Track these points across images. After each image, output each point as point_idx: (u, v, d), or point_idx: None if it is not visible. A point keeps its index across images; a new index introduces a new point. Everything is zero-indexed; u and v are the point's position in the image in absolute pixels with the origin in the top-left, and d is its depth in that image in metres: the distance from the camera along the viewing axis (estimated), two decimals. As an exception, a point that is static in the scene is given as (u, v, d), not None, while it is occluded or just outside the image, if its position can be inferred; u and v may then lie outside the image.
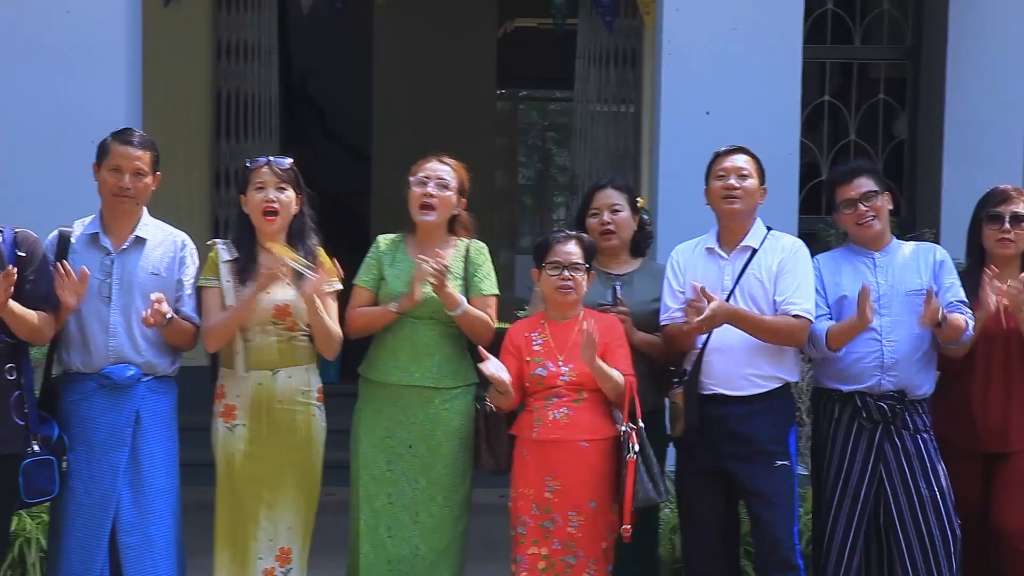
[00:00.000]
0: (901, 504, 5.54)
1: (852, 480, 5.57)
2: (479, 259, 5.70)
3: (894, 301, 5.56)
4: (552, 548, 5.38)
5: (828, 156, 8.54)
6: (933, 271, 5.62)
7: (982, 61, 7.89)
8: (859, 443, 5.58)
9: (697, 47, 7.30)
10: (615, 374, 5.34)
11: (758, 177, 5.62)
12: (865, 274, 5.62)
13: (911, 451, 5.55)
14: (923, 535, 5.52)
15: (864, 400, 5.56)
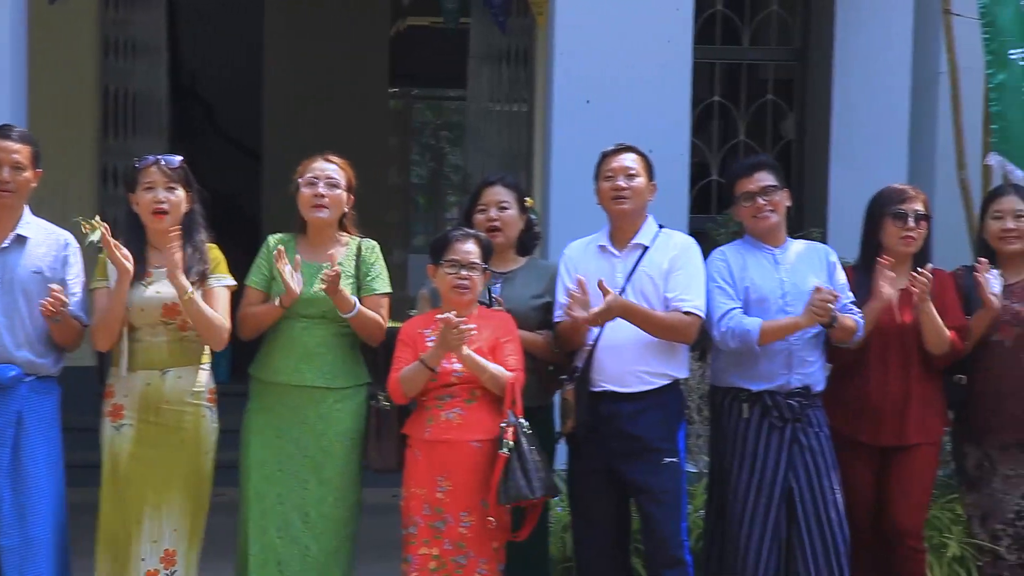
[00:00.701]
0: (807, 503, 5.58)
1: (766, 479, 5.60)
2: (371, 258, 5.68)
3: (797, 299, 5.60)
4: (443, 548, 5.36)
5: (718, 156, 8.61)
6: (828, 271, 5.69)
7: (867, 63, 8.00)
8: (771, 442, 5.61)
9: (588, 47, 7.33)
10: (491, 367, 5.34)
11: (646, 175, 5.66)
12: (770, 270, 5.67)
13: (815, 449, 5.60)
14: (825, 534, 5.57)
15: (774, 398, 5.60)
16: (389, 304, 5.71)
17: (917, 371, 5.75)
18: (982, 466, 5.91)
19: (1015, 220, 5.85)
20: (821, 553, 5.56)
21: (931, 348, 5.68)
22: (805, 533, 5.58)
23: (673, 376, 5.60)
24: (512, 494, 5.27)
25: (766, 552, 5.58)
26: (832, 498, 5.58)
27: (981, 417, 5.85)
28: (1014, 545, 5.86)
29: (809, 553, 5.57)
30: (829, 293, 5.41)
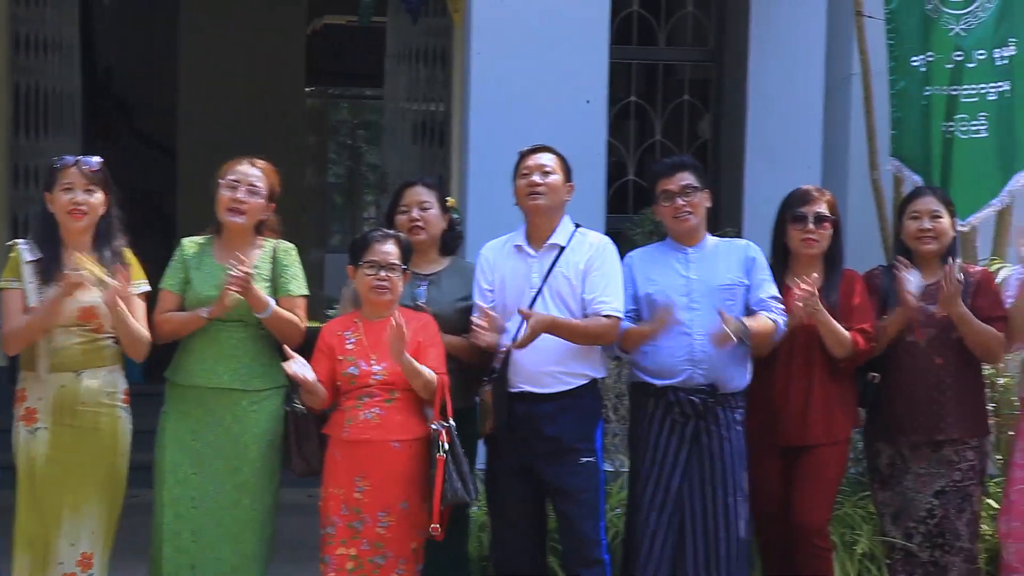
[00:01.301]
0: (695, 504, 5.61)
1: (664, 474, 5.63)
2: (286, 260, 5.66)
3: (704, 296, 5.64)
4: (361, 548, 5.35)
5: (635, 156, 8.65)
6: (745, 268, 5.70)
7: (782, 64, 8.07)
8: (671, 437, 5.64)
9: (505, 47, 7.34)
10: (426, 371, 5.34)
11: (563, 174, 5.67)
12: (677, 269, 5.69)
13: (715, 451, 5.63)
14: (709, 536, 5.59)
15: (676, 394, 5.63)
16: (306, 306, 5.68)
17: (821, 372, 5.80)
18: (895, 464, 5.97)
19: (932, 220, 5.91)
20: (703, 556, 5.59)
21: (832, 352, 5.74)
22: (689, 535, 5.60)
23: (590, 376, 5.62)
24: (450, 497, 5.29)
25: (659, 550, 5.62)
26: (724, 501, 5.60)
27: (894, 416, 5.91)
28: (925, 543, 5.92)
29: (690, 554, 5.60)
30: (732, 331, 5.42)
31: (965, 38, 6.66)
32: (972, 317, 5.76)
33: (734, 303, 5.64)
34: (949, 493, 5.87)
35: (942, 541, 5.89)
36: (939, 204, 5.94)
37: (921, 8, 6.73)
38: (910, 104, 6.78)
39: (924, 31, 6.74)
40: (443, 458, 5.27)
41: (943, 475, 5.88)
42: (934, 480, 5.89)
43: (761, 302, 5.65)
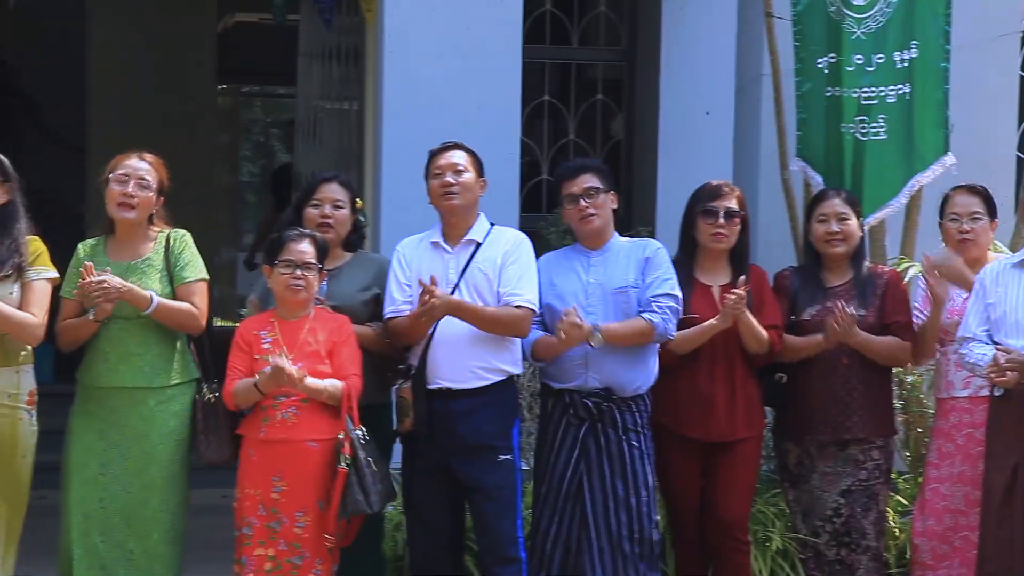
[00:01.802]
0: (597, 503, 5.63)
1: (556, 475, 5.65)
2: (179, 247, 5.61)
3: (600, 300, 5.66)
4: (278, 549, 5.33)
5: (548, 155, 8.67)
6: (640, 269, 5.72)
7: (693, 64, 8.11)
8: (566, 439, 5.66)
9: (418, 45, 7.33)
10: (328, 386, 5.32)
11: (476, 171, 5.68)
12: (579, 273, 5.71)
13: (614, 451, 5.64)
14: (613, 536, 5.62)
15: (572, 397, 5.65)
16: (208, 290, 5.65)
17: (742, 367, 5.85)
18: (802, 463, 6.03)
19: (839, 223, 5.97)
20: (608, 556, 5.61)
21: (749, 349, 5.78)
22: (593, 535, 5.62)
23: (508, 372, 5.63)
24: (350, 510, 5.29)
25: (549, 549, 5.64)
26: (626, 501, 5.62)
27: (801, 416, 5.97)
28: (832, 541, 5.98)
29: (596, 555, 5.62)
30: (572, 324, 5.44)
31: (866, 41, 6.74)
32: (872, 339, 5.84)
33: (629, 306, 5.66)
34: (855, 492, 5.94)
35: (848, 540, 5.95)
36: (846, 206, 5.99)
37: (825, 10, 6.80)
38: (815, 105, 6.85)
39: (828, 33, 6.81)
40: (344, 471, 5.26)
41: (849, 474, 5.94)
42: (840, 479, 5.95)
43: (648, 301, 5.64)
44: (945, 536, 5.92)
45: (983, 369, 5.51)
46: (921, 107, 6.71)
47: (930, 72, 6.71)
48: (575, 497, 5.64)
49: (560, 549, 5.66)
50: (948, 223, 6.03)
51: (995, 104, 7.90)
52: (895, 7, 6.71)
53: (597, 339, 5.50)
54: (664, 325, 5.61)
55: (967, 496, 5.86)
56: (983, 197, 6.03)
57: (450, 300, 5.45)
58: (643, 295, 5.65)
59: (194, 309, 5.53)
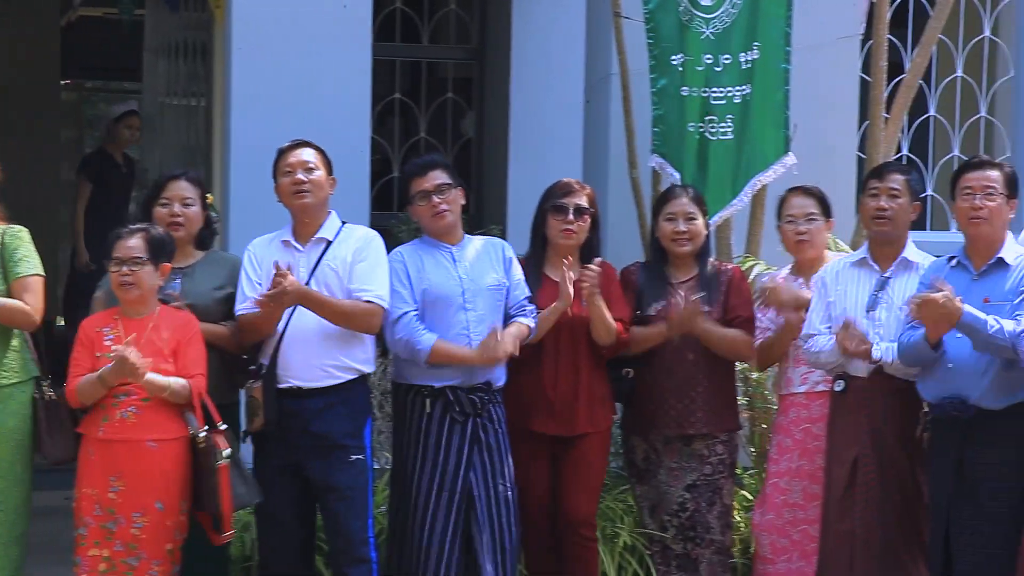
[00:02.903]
0: (483, 500, 5.66)
1: (448, 476, 5.65)
2: (14, 243, 5.51)
3: (477, 296, 5.68)
4: (114, 549, 5.26)
5: (399, 153, 8.66)
6: (505, 267, 5.77)
7: (543, 63, 8.15)
8: (452, 438, 5.66)
9: (267, 42, 7.26)
10: (173, 383, 5.26)
11: (325, 169, 5.65)
12: (449, 268, 5.73)
13: (493, 446, 5.69)
14: (494, 533, 5.66)
15: (456, 393, 5.66)
16: (43, 285, 5.54)
17: (587, 362, 5.90)
18: (649, 458, 6.10)
19: (686, 222, 6.04)
20: (489, 548, 5.65)
21: (599, 339, 5.83)
22: (479, 528, 5.65)
23: (359, 370, 5.61)
24: (237, 503, 5.26)
25: (448, 549, 5.64)
26: (504, 495, 5.68)
27: (646, 411, 6.04)
28: (679, 535, 6.06)
29: (487, 548, 5.64)
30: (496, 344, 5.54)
31: (714, 42, 6.83)
32: (714, 332, 5.93)
33: (501, 303, 5.73)
34: (700, 487, 6.02)
35: (694, 534, 6.04)
36: (693, 205, 6.07)
37: (676, 10, 6.89)
38: (671, 102, 6.92)
39: (679, 33, 6.89)
40: (226, 465, 5.23)
41: (694, 469, 6.03)
42: (686, 474, 6.03)
43: (519, 303, 5.74)
44: (784, 530, 6.03)
45: (829, 355, 5.63)
46: (762, 108, 6.82)
47: (771, 73, 6.82)
48: (468, 495, 5.65)
49: (459, 548, 5.65)
50: (785, 225, 6.15)
51: (836, 105, 8.05)
52: (740, 8, 6.81)
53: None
54: (535, 329, 5.77)
55: (805, 490, 5.98)
56: (818, 198, 6.15)
57: (300, 288, 5.42)
58: (510, 296, 5.74)
59: (26, 306, 5.42)
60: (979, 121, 8.96)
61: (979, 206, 5.35)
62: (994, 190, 5.36)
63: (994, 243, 5.39)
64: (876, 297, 5.71)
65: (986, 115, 8.97)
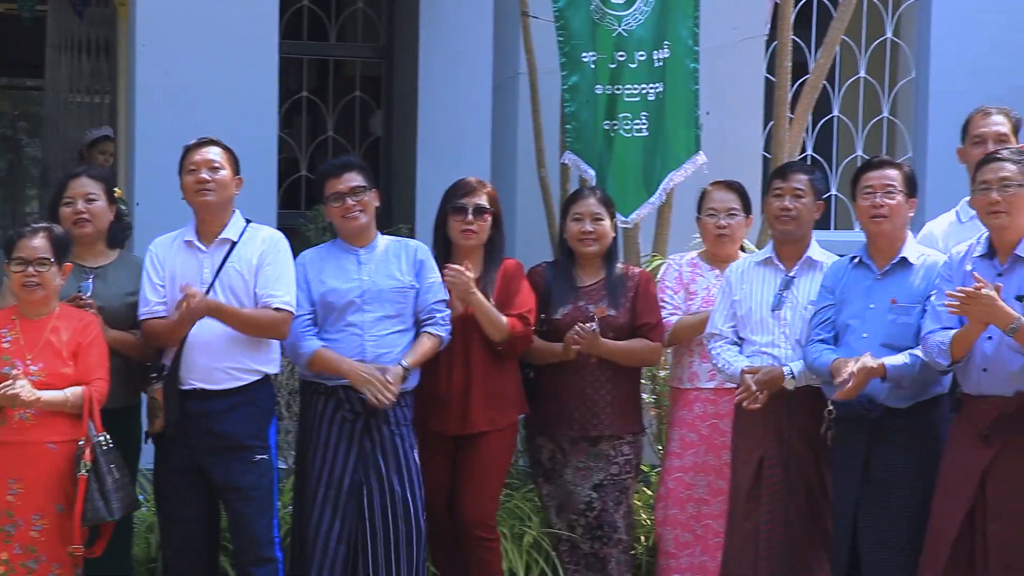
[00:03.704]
0: (374, 499, 5.63)
1: (336, 473, 5.63)
2: None
3: (375, 298, 5.65)
4: (13, 553, 5.19)
5: (307, 152, 8.62)
6: (416, 270, 5.75)
7: (451, 62, 8.16)
8: (342, 436, 5.65)
9: (172, 39, 7.20)
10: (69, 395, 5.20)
11: (231, 168, 5.61)
12: (350, 271, 5.70)
13: (388, 447, 5.66)
14: (389, 532, 5.63)
15: (347, 392, 5.64)
16: None
17: (481, 359, 5.87)
18: (555, 458, 6.10)
19: (593, 223, 6.06)
20: (383, 552, 5.62)
21: (490, 336, 5.83)
22: (369, 530, 5.63)
23: (263, 372, 5.58)
24: (90, 516, 5.19)
25: (333, 547, 5.62)
26: (402, 496, 5.65)
27: (551, 412, 6.04)
28: (586, 534, 6.08)
29: (370, 552, 5.62)
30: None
31: (627, 39, 6.86)
32: (619, 348, 5.93)
33: (405, 305, 5.70)
34: (607, 486, 6.04)
35: (601, 533, 6.06)
36: (601, 206, 6.09)
37: (587, 8, 6.91)
38: (584, 99, 6.92)
39: (591, 30, 6.92)
40: (85, 477, 5.16)
41: (601, 469, 6.04)
42: (592, 473, 6.05)
43: (429, 309, 5.72)
44: (688, 524, 6.07)
45: (731, 378, 5.68)
46: (674, 106, 6.86)
47: (681, 72, 6.86)
48: (356, 494, 5.62)
49: (344, 547, 5.63)
50: (706, 218, 6.18)
51: (742, 105, 8.12)
52: (652, 6, 6.84)
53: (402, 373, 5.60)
54: (448, 336, 5.73)
55: (711, 485, 6.03)
56: (739, 193, 6.20)
57: (209, 302, 5.38)
58: (420, 299, 5.71)
59: None
60: (882, 121, 9.09)
61: (880, 204, 5.41)
62: (894, 189, 5.43)
63: (896, 242, 5.46)
64: (781, 296, 5.75)
65: (888, 115, 9.11)
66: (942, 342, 5.11)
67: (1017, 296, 5.00)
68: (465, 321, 5.81)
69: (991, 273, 5.08)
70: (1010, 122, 5.88)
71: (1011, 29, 9.18)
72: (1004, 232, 5.14)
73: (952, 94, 8.66)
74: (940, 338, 5.12)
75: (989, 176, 5.15)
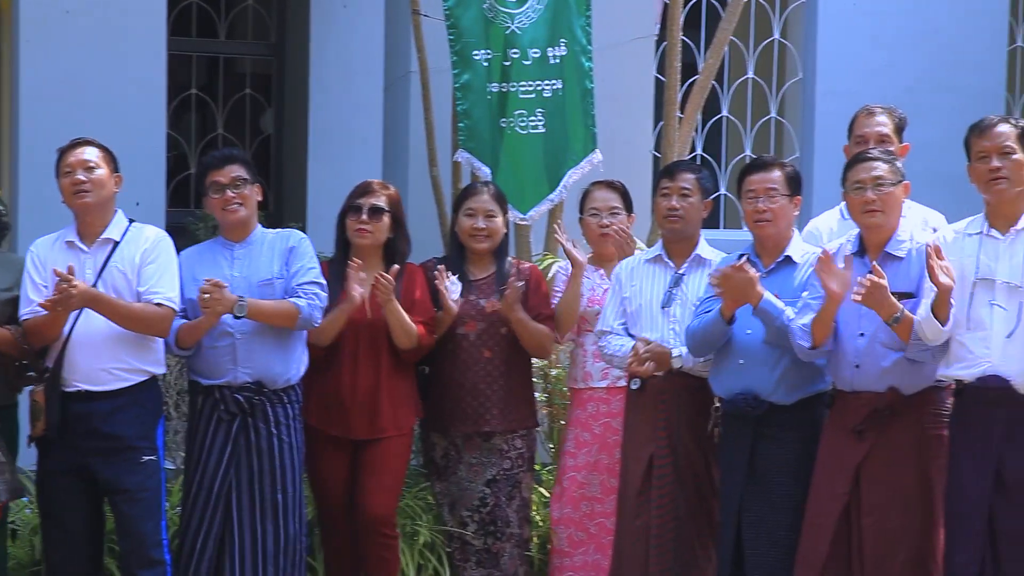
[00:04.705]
0: (243, 501, 5.60)
1: (208, 474, 5.60)
2: None
3: (246, 293, 5.59)
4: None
5: (196, 149, 8.55)
6: (284, 258, 5.71)
7: (342, 60, 8.14)
8: (217, 436, 5.62)
9: (57, 36, 7.13)
10: None
11: (109, 167, 5.54)
12: (223, 267, 5.66)
13: (263, 447, 5.62)
14: (257, 534, 5.60)
15: (222, 392, 5.61)
16: None
17: (388, 365, 5.88)
18: (448, 455, 6.12)
19: (486, 219, 6.07)
20: (249, 554, 5.60)
21: (399, 344, 5.83)
22: (236, 532, 5.60)
23: (150, 372, 5.53)
24: None
25: (199, 549, 5.59)
26: (272, 498, 5.61)
27: (446, 408, 6.05)
28: (480, 531, 6.09)
29: (237, 552, 5.59)
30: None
31: (520, 36, 6.89)
32: (528, 321, 5.96)
33: (275, 295, 5.63)
34: (500, 481, 6.06)
35: (494, 528, 6.07)
36: (494, 203, 6.10)
37: (479, 6, 6.92)
38: (476, 97, 6.95)
39: (483, 28, 6.93)
40: None
41: (494, 464, 6.06)
42: (486, 469, 6.06)
43: (294, 289, 5.65)
44: (582, 523, 6.10)
45: (622, 360, 5.72)
46: (571, 104, 6.91)
47: (577, 70, 6.91)
48: (226, 495, 5.59)
49: (211, 548, 5.59)
50: (588, 218, 6.22)
51: (633, 104, 8.19)
52: (545, 4, 6.88)
53: (242, 309, 5.46)
54: (310, 311, 5.62)
55: (603, 484, 6.06)
56: (621, 192, 6.25)
57: (88, 290, 5.32)
58: (288, 284, 5.65)
59: None
60: (770, 121, 9.21)
61: (762, 209, 5.48)
62: (776, 191, 5.50)
63: (780, 242, 5.53)
64: (671, 293, 5.81)
65: (776, 116, 9.23)
66: (805, 324, 5.21)
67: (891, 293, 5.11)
68: (373, 325, 5.79)
69: (862, 271, 5.17)
70: (893, 121, 5.98)
71: (896, 30, 9.36)
72: (877, 231, 5.25)
73: (838, 94, 8.82)
74: (803, 321, 5.23)
75: (863, 175, 5.25)
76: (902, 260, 5.23)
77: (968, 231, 5.14)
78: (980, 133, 5.11)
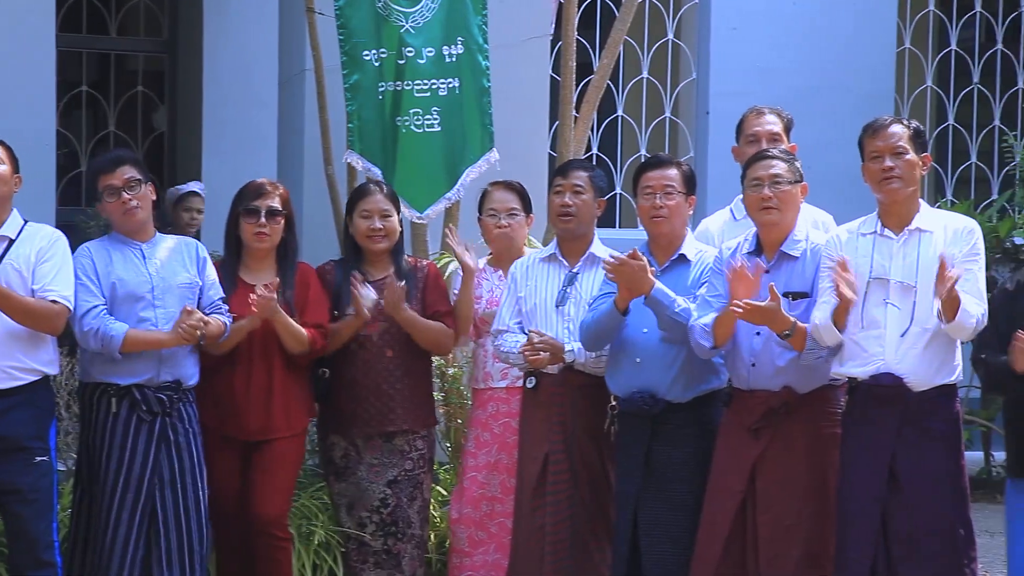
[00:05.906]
0: (167, 500, 5.57)
1: (133, 475, 5.54)
2: None
3: (166, 293, 5.59)
4: None
5: (87, 147, 8.46)
6: (198, 267, 5.70)
7: (236, 57, 8.11)
8: (139, 436, 5.56)
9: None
10: None
11: (11, 165, 5.47)
12: (137, 264, 5.61)
13: (182, 445, 5.61)
14: (182, 532, 5.58)
15: (143, 392, 5.56)
16: None
17: (280, 366, 5.85)
18: (348, 456, 6.09)
19: (382, 220, 6.06)
20: (176, 552, 5.58)
21: (290, 349, 5.82)
22: (163, 531, 5.57)
23: (42, 372, 5.47)
24: None
25: (131, 549, 5.54)
26: (193, 496, 5.61)
27: (346, 409, 6.03)
28: (379, 531, 6.07)
29: (164, 551, 5.56)
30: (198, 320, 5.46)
31: (415, 35, 6.88)
32: (417, 319, 5.96)
33: (194, 301, 5.63)
34: (401, 482, 6.06)
35: (395, 529, 6.06)
36: (388, 202, 6.09)
37: (372, 5, 6.90)
38: (366, 97, 6.92)
39: (375, 27, 6.91)
40: None
41: (396, 464, 6.05)
42: (387, 470, 6.05)
43: (214, 305, 5.68)
44: (481, 523, 6.12)
45: (518, 356, 5.74)
46: (469, 102, 6.91)
47: (474, 69, 6.92)
48: (152, 494, 5.55)
49: (143, 548, 5.55)
50: (486, 218, 6.24)
51: (529, 103, 8.20)
52: (440, 3, 6.87)
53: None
54: (228, 329, 5.68)
55: (503, 483, 6.08)
56: (519, 193, 6.27)
57: None
58: (204, 295, 5.67)
59: None
60: (664, 121, 9.29)
61: (659, 205, 5.53)
62: (673, 188, 5.55)
63: (675, 240, 5.59)
64: (565, 292, 5.84)
65: (670, 115, 9.32)
66: (706, 324, 5.26)
67: (785, 292, 5.18)
68: (265, 328, 5.76)
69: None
70: (782, 121, 6.07)
71: (788, 32, 9.49)
72: (773, 229, 5.32)
73: (731, 95, 8.91)
74: (704, 321, 5.28)
75: (761, 173, 5.31)
76: (797, 259, 5.31)
77: (862, 231, 5.23)
78: (873, 133, 5.20)
